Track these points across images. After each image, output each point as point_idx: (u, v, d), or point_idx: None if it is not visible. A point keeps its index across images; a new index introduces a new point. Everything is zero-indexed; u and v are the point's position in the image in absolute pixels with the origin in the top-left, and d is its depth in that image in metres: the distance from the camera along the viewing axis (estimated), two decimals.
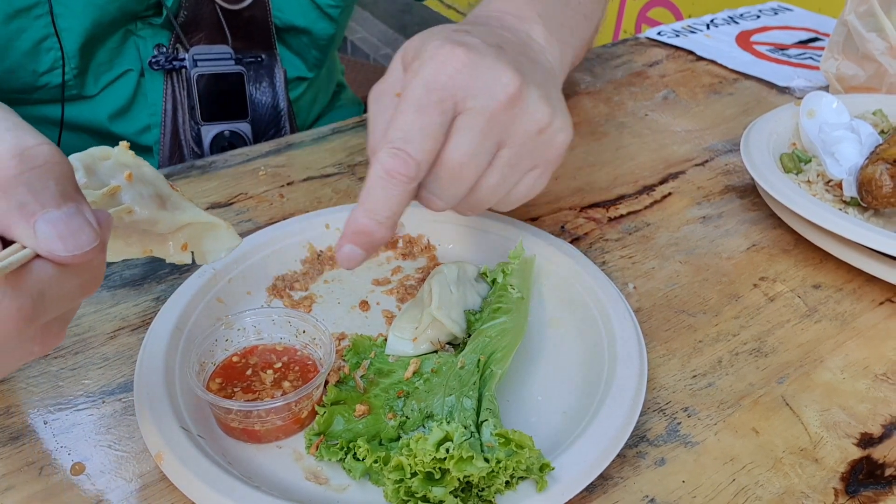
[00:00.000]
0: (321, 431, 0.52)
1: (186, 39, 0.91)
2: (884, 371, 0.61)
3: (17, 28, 0.82)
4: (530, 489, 0.46)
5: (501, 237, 0.69)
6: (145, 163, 0.47)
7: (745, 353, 0.62)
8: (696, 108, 1.01)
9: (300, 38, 1.00)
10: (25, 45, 0.83)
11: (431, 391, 0.54)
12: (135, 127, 0.95)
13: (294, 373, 0.55)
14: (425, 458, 0.45)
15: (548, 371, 0.59)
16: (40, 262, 0.35)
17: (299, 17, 0.98)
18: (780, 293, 0.68)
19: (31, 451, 0.52)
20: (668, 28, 1.23)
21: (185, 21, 0.90)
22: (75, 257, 0.35)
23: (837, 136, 0.77)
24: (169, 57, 0.91)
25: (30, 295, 0.34)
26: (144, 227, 0.46)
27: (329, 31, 1.01)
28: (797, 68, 1.10)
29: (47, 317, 0.37)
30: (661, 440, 0.54)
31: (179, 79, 0.93)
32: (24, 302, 0.34)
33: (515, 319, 0.58)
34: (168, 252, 0.48)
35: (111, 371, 0.59)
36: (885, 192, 0.69)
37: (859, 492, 0.51)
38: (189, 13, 0.90)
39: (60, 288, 0.36)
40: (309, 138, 0.91)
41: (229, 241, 0.50)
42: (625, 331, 0.58)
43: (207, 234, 0.49)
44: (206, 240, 0.49)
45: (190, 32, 0.91)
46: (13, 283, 0.34)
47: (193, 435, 0.50)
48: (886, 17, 0.89)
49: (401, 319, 0.60)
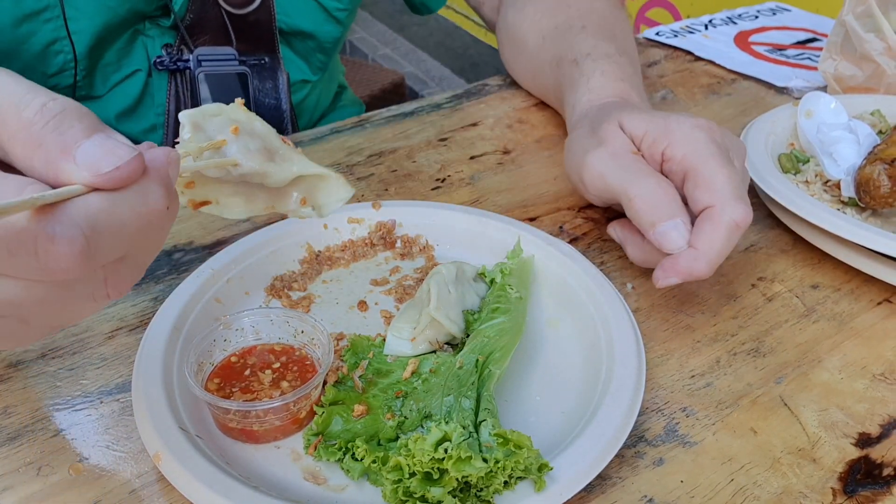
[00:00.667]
0: (319, 431, 0.52)
1: (191, 41, 0.91)
2: (882, 371, 0.61)
3: (27, 32, 0.82)
4: (529, 489, 0.46)
5: (500, 237, 0.69)
6: (258, 118, 0.48)
7: (744, 353, 0.62)
8: (695, 109, 1.01)
9: (306, 41, 1.00)
10: (35, 49, 0.83)
11: (430, 391, 0.54)
12: (141, 126, 0.95)
13: (292, 373, 0.55)
14: (424, 459, 0.45)
15: (546, 371, 0.59)
16: (88, 195, 0.36)
17: (306, 20, 0.98)
18: (778, 293, 0.69)
19: (30, 452, 0.52)
20: (666, 28, 1.23)
21: (190, 23, 0.91)
22: (118, 172, 0.36)
23: (835, 136, 0.77)
24: (174, 58, 0.92)
25: (78, 226, 0.35)
26: (256, 180, 0.47)
27: (335, 34, 1.01)
28: (795, 69, 1.10)
29: (107, 254, 0.37)
30: (660, 440, 0.54)
31: (183, 79, 0.94)
32: (74, 233, 0.34)
33: (514, 319, 0.59)
34: (289, 206, 0.49)
35: (109, 371, 0.59)
36: (883, 193, 0.69)
37: (857, 492, 0.51)
38: (195, 16, 0.90)
39: (114, 220, 0.36)
40: (307, 138, 0.91)
41: (342, 193, 0.51)
42: (623, 331, 0.58)
43: (321, 187, 0.50)
44: (321, 193, 0.50)
45: (195, 34, 0.91)
46: (58, 214, 0.35)
47: (192, 435, 0.50)
48: (884, 18, 0.89)
49: (399, 320, 0.60)
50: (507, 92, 1.03)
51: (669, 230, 0.58)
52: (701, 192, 0.59)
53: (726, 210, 0.58)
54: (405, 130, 0.94)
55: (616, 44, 0.85)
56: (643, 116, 0.65)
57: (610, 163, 0.63)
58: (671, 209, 0.58)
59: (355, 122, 0.95)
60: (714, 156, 0.60)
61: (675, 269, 0.58)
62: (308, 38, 1.00)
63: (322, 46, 1.02)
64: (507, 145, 0.91)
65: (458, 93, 1.03)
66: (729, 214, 0.57)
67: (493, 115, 0.97)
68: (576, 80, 0.81)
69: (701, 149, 0.61)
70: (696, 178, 0.60)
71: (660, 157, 0.63)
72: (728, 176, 0.59)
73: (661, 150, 0.63)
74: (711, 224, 0.58)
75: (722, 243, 0.58)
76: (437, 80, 3.57)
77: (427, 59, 3.74)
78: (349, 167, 0.86)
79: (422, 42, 3.80)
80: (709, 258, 0.57)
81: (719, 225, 0.57)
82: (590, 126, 0.69)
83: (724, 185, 0.58)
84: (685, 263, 0.58)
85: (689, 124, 0.63)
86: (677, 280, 0.58)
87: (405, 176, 0.84)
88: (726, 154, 0.61)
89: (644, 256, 0.63)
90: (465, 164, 0.87)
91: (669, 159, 0.62)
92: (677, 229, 0.58)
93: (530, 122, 0.96)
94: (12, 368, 0.59)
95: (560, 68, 0.86)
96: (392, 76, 2.16)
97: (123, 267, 0.39)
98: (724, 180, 0.59)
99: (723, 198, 0.58)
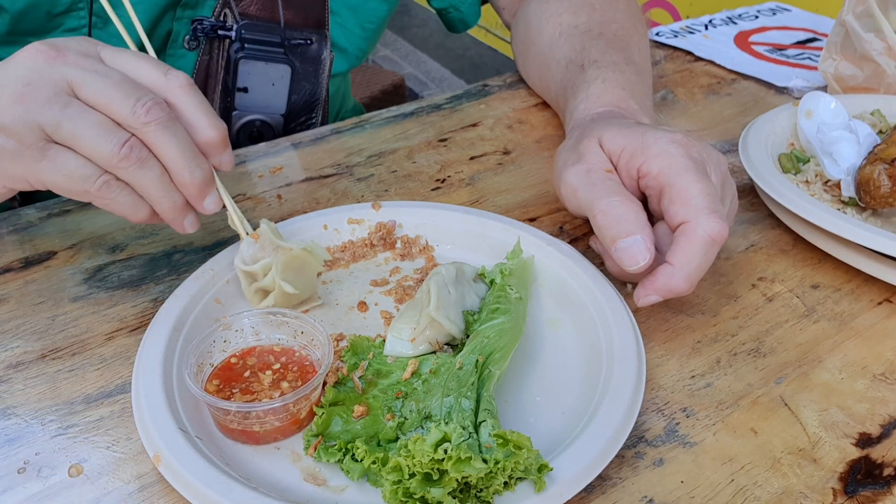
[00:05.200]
0: (319, 432, 0.52)
1: (236, 3, 0.86)
2: (882, 371, 0.61)
3: None
4: (529, 490, 0.46)
5: (500, 238, 0.69)
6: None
7: (744, 353, 0.62)
8: (695, 109, 1.01)
9: (347, 24, 0.97)
10: None
11: (430, 392, 0.54)
12: None
13: (292, 374, 0.55)
14: (423, 459, 0.44)
15: (546, 371, 0.59)
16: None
17: None
18: (778, 293, 0.68)
19: (29, 453, 0.52)
20: (666, 29, 1.23)
21: None
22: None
23: (835, 136, 0.77)
24: (215, 25, 0.86)
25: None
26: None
27: (380, 13, 0.99)
28: (795, 68, 1.10)
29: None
30: (660, 440, 0.54)
31: (220, 51, 0.88)
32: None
33: (514, 320, 0.58)
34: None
35: (109, 372, 0.59)
36: (884, 193, 0.69)
37: (858, 492, 0.51)
38: None
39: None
40: (307, 139, 0.91)
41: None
42: (623, 331, 0.58)
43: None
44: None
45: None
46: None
47: (191, 436, 0.50)
48: (884, 18, 0.89)
49: (399, 320, 0.60)
50: (506, 93, 1.03)
51: (629, 246, 0.58)
52: (676, 207, 0.59)
53: (701, 225, 0.57)
54: (405, 131, 0.94)
55: (626, 53, 0.85)
56: (622, 132, 0.65)
57: (583, 179, 0.63)
58: (632, 226, 0.58)
59: (355, 123, 0.95)
60: (689, 170, 0.60)
61: (654, 287, 0.58)
62: (353, 14, 0.97)
63: (365, 27, 0.99)
64: (507, 146, 0.91)
65: (458, 93, 1.03)
66: (704, 229, 0.57)
67: (492, 115, 0.97)
68: (578, 86, 0.81)
69: (675, 164, 0.60)
70: (671, 193, 0.60)
71: (636, 174, 0.63)
72: (702, 190, 0.59)
73: (637, 166, 0.62)
74: (687, 239, 0.57)
75: (699, 258, 0.57)
76: (436, 81, 3.57)
77: (427, 60, 3.74)
78: (349, 167, 0.86)
79: (422, 43, 3.80)
80: (686, 273, 0.57)
81: (694, 240, 0.57)
82: (576, 139, 0.69)
83: (699, 200, 0.58)
84: (663, 280, 0.57)
85: (666, 139, 0.62)
86: (657, 297, 0.58)
87: (405, 176, 0.84)
88: (702, 168, 0.61)
89: (619, 270, 0.63)
90: (465, 164, 0.87)
91: (645, 175, 0.62)
92: (637, 245, 0.57)
93: (530, 122, 0.96)
94: (12, 369, 0.59)
95: (567, 71, 0.86)
96: (392, 77, 2.16)
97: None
98: (698, 195, 0.58)
99: (697, 213, 0.57)
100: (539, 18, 0.96)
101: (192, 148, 0.58)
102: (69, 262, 0.70)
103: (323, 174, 0.84)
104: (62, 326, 0.63)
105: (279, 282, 0.60)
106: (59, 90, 0.55)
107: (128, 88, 0.55)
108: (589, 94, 0.78)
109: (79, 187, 0.56)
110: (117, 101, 0.55)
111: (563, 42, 0.91)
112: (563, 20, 0.93)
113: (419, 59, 3.75)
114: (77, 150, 0.55)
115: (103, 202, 0.57)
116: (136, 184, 0.57)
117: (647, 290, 0.58)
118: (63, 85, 0.55)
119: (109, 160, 0.55)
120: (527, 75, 1.02)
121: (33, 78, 0.55)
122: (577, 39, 0.89)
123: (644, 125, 0.67)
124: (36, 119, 0.54)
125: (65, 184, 0.56)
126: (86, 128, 0.54)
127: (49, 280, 0.68)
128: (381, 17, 1.00)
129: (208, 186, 0.59)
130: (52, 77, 0.55)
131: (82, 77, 0.55)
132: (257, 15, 0.87)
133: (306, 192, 0.81)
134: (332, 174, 0.84)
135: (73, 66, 0.56)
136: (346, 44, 1.00)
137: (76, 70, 0.55)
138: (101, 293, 0.66)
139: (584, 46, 0.86)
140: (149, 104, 0.55)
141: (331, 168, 0.85)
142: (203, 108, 0.59)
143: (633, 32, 0.91)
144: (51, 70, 0.55)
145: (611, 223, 0.59)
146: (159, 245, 0.72)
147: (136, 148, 0.55)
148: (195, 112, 0.58)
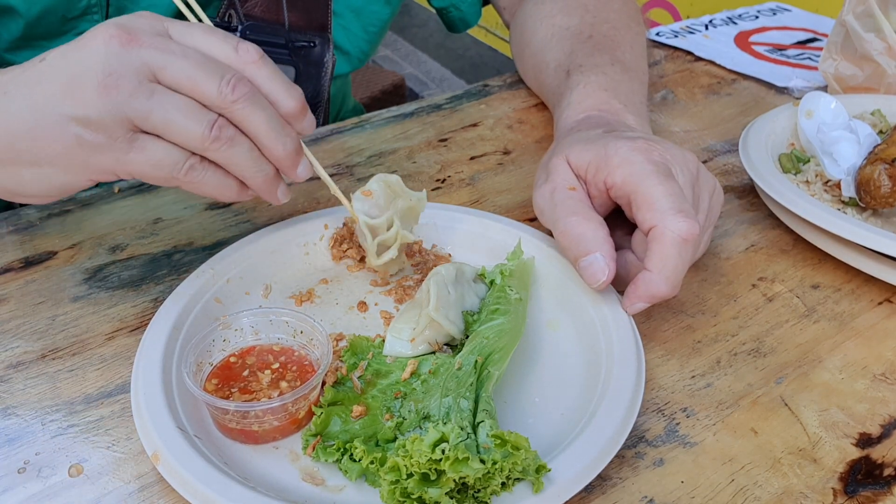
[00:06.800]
0: (318, 432, 0.52)
1: (241, 4, 0.85)
2: (882, 371, 0.60)
3: None
4: (527, 490, 0.46)
5: (500, 238, 0.69)
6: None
7: (744, 353, 0.62)
8: (695, 109, 1.01)
9: (349, 27, 0.97)
10: None
11: (429, 392, 0.54)
12: None
13: (291, 373, 0.55)
14: (421, 459, 0.44)
15: (545, 372, 0.59)
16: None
17: None
18: (778, 293, 0.68)
19: (29, 453, 0.52)
20: (666, 29, 1.23)
21: None
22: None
23: (836, 136, 0.77)
24: (220, 26, 0.86)
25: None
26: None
27: (383, 16, 0.99)
28: (795, 69, 1.10)
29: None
30: (660, 441, 0.54)
31: None
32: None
33: (513, 321, 0.58)
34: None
35: (109, 372, 0.59)
36: (884, 193, 0.69)
37: (858, 492, 0.51)
38: None
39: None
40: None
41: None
42: (623, 332, 0.58)
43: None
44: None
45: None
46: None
47: (190, 435, 0.50)
48: (884, 18, 0.89)
49: (399, 320, 0.60)
50: (506, 93, 1.03)
51: (589, 264, 0.59)
52: (643, 213, 0.59)
53: (668, 226, 0.57)
54: (405, 131, 0.94)
55: (613, 53, 0.85)
56: (587, 147, 0.65)
57: (548, 200, 0.64)
58: (590, 244, 0.59)
59: (355, 123, 0.95)
60: (651, 175, 0.60)
61: (638, 295, 0.58)
62: (356, 16, 0.97)
63: (368, 30, 0.99)
64: (507, 146, 0.91)
65: (458, 93, 1.03)
66: (672, 230, 0.57)
67: (493, 115, 0.97)
68: (563, 93, 0.81)
69: (637, 171, 0.60)
70: (637, 200, 0.60)
71: (604, 186, 0.63)
72: (665, 192, 0.58)
73: (603, 178, 0.62)
74: (658, 243, 0.57)
75: (674, 260, 0.57)
76: (437, 81, 3.57)
77: (427, 60, 3.74)
78: (349, 168, 0.86)
79: (422, 43, 3.80)
80: (665, 277, 0.57)
81: (665, 242, 0.57)
82: (548, 156, 0.69)
83: (663, 202, 0.58)
84: (644, 287, 0.58)
85: (626, 148, 0.62)
86: (644, 304, 0.59)
87: (405, 176, 0.84)
88: (665, 171, 0.61)
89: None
90: (465, 164, 0.87)
91: (612, 186, 0.62)
92: (596, 263, 0.58)
93: (530, 122, 0.96)
94: (12, 369, 0.59)
95: (556, 76, 0.86)
96: (392, 77, 2.16)
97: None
98: (661, 197, 0.58)
99: (663, 215, 0.58)
100: (534, 19, 0.97)
101: (278, 119, 0.57)
102: (69, 262, 0.70)
103: None
104: (62, 326, 0.63)
105: (402, 232, 0.63)
106: (143, 77, 0.53)
107: (210, 68, 0.54)
108: (571, 101, 0.79)
109: (167, 174, 0.55)
110: (202, 83, 0.53)
111: (554, 44, 0.91)
112: (556, 21, 0.93)
113: (419, 59, 3.75)
114: (166, 137, 0.54)
115: (191, 185, 0.56)
116: (226, 162, 0.56)
117: (632, 299, 0.59)
118: (145, 71, 0.53)
119: (201, 143, 0.54)
120: (525, 76, 1.02)
121: (113, 66, 0.52)
122: (567, 43, 0.89)
123: (608, 136, 0.66)
124: (124, 111, 0.53)
125: (152, 172, 0.55)
126: (174, 114, 0.53)
127: (49, 280, 0.68)
128: (383, 19, 1.00)
129: (299, 155, 0.59)
130: (132, 64, 0.53)
131: (163, 60, 0.53)
132: (262, 16, 0.88)
133: (306, 192, 0.81)
134: (332, 174, 0.84)
135: (151, 49, 0.53)
136: (348, 46, 1.00)
137: (155, 53, 0.53)
138: (102, 293, 0.66)
139: (572, 50, 0.86)
140: (233, 81, 0.54)
141: (331, 168, 0.85)
142: (279, 79, 0.58)
143: (625, 32, 0.91)
144: (129, 56, 0.53)
145: (570, 243, 0.60)
146: (159, 245, 0.72)
147: (224, 127, 0.54)
148: (272, 83, 0.57)
